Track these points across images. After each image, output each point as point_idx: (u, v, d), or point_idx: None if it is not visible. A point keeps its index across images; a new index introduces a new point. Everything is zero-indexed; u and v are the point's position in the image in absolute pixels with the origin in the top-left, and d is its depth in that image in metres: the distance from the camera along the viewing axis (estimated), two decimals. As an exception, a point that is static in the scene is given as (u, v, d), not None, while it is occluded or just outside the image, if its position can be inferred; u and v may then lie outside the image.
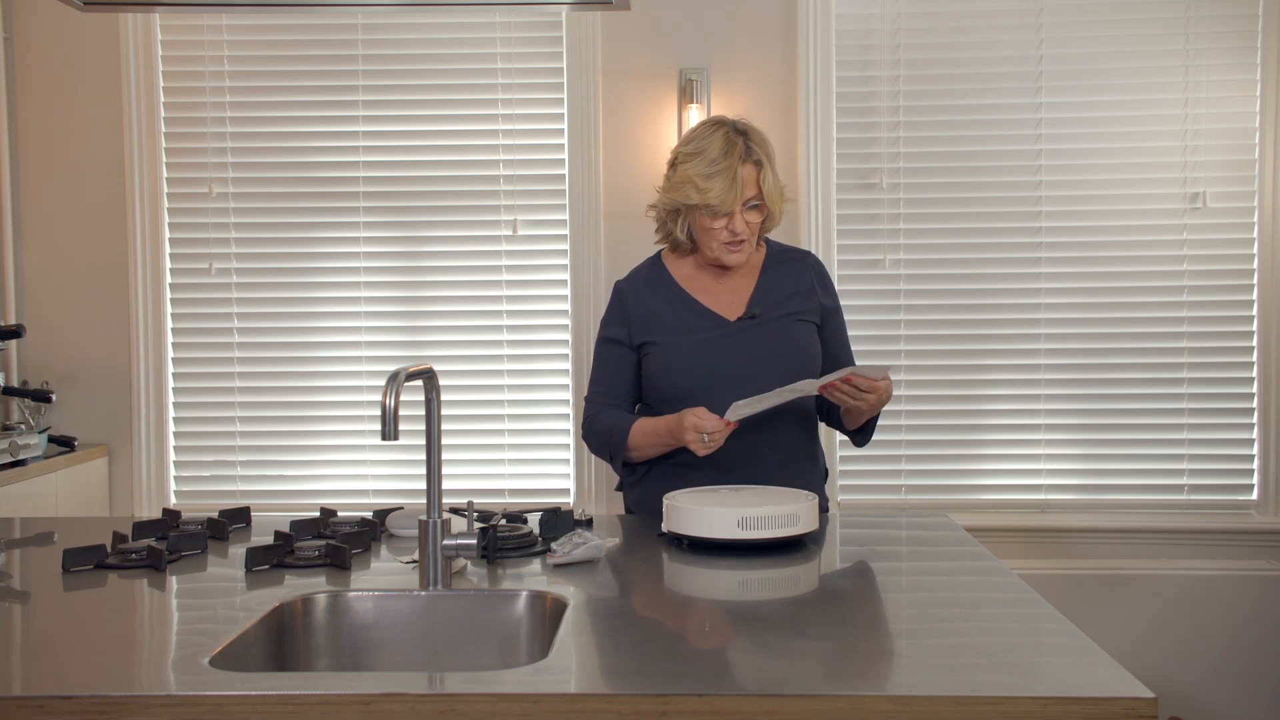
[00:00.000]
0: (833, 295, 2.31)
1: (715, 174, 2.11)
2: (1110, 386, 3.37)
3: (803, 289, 2.25)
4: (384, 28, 3.42)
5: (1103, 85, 3.34)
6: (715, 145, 2.13)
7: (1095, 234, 3.35)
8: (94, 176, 3.44)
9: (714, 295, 2.24)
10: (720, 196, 2.11)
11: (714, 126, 2.17)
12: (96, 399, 3.45)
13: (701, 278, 2.26)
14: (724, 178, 2.11)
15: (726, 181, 2.11)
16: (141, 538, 1.99)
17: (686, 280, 2.25)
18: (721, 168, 2.11)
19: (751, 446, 2.15)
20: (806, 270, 2.28)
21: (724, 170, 2.11)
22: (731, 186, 2.11)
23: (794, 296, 2.24)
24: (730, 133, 2.15)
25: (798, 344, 2.20)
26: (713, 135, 2.14)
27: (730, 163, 2.11)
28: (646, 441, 2.16)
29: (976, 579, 1.74)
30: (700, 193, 2.12)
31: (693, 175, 2.12)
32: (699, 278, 2.26)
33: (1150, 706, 1.19)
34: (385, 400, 1.58)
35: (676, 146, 2.23)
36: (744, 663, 1.32)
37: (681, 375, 2.16)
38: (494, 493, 3.44)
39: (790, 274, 2.26)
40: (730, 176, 2.11)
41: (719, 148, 2.12)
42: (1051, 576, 3.20)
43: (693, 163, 2.14)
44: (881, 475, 3.39)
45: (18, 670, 1.34)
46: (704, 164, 2.12)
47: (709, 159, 2.12)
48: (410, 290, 3.45)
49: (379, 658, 1.65)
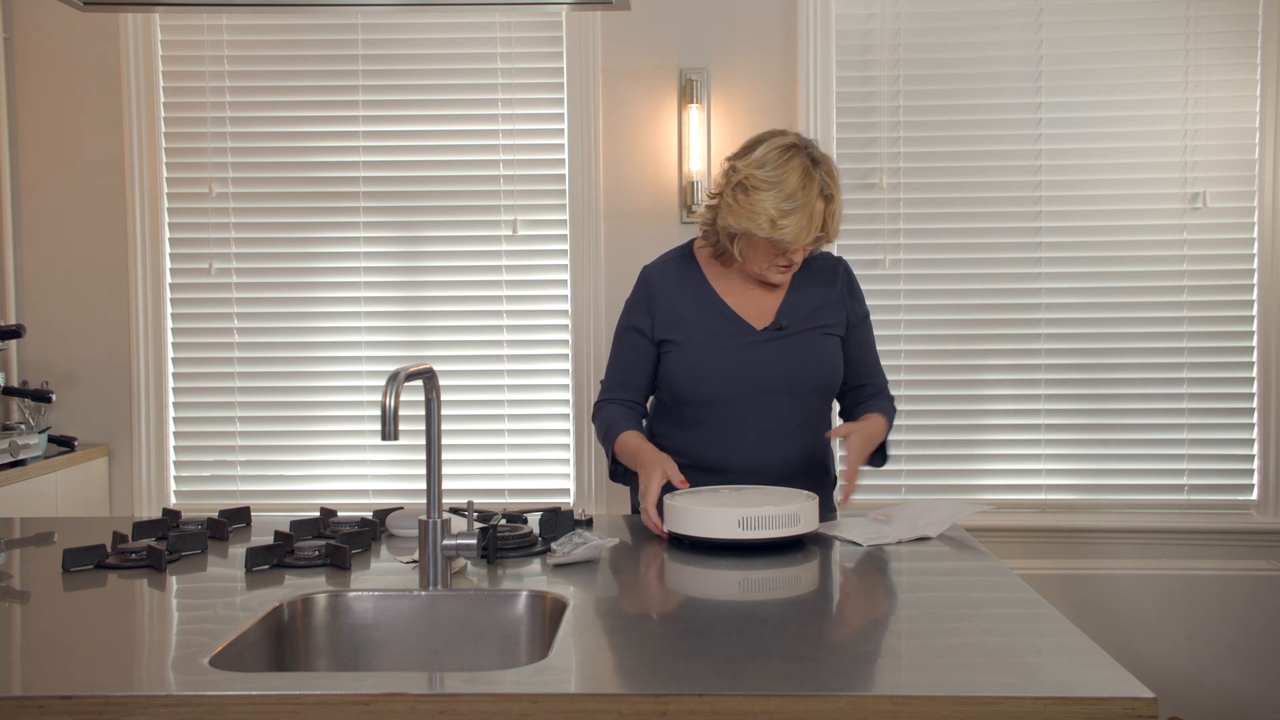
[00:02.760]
0: (860, 302, 2.26)
1: (792, 211, 2.02)
2: (1110, 386, 3.37)
3: (831, 300, 2.21)
4: (384, 28, 3.42)
5: (1103, 85, 3.34)
6: (793, 178, 2.02)
7: (1095, 234, 3.35)
8: (94, 176, 3.44)
9: (743, 300, 2.19)
10: (794, 235, 2.03)
11: (789, 152, 2.05)
12: (96, 399, 3.45)
13: (732, 279, 2.20)
14: (800, 216, 2.02)
15: (804, 220, 2.03)
16: (141, 538, 1.99)
17: (717, 279, 2.21)
18: (799, 205, 2.02)
19: (761, 455, 2.15)
20: (837, 279, 2.24)
21: (801, 207, 2.02)
22: (807, 225, 2.03)
23: (823, 309, 2.20)
24: (808, 164, 2.05)
25: (821, 359, 2.17)
26: (790, 164, 2.04)
27: (808, 199, 2.02)
28: (624, 458, 2.16)
29: (976, 579, 1.74)
30: (775, 228, 2.02)
31: (768, 208, 2.02)
32: (729, 279, 2.21)
33: (1150, 706, 1.19)
34: (385, 400, 1.58)
35: (746, 165, 2.07)
36: (744, 663, 1.32)
37: (701, 381, 2.14)
38: (494, 493, 3.44)
39: (821, 284, 2.22)
40: (807, 215, 2.03)
41: (796, 181, 2.02)
42: (1051, 576, 3.20)
43: (769, 194, 2.02)
44: (882, 475, 3.38)
45: (18, 670, 1.34)
46: (780, 198, 2.01)
47: (786, 192, 2.02)
48: (410, 290, 3.45)
49: (379, 658, 1.65)
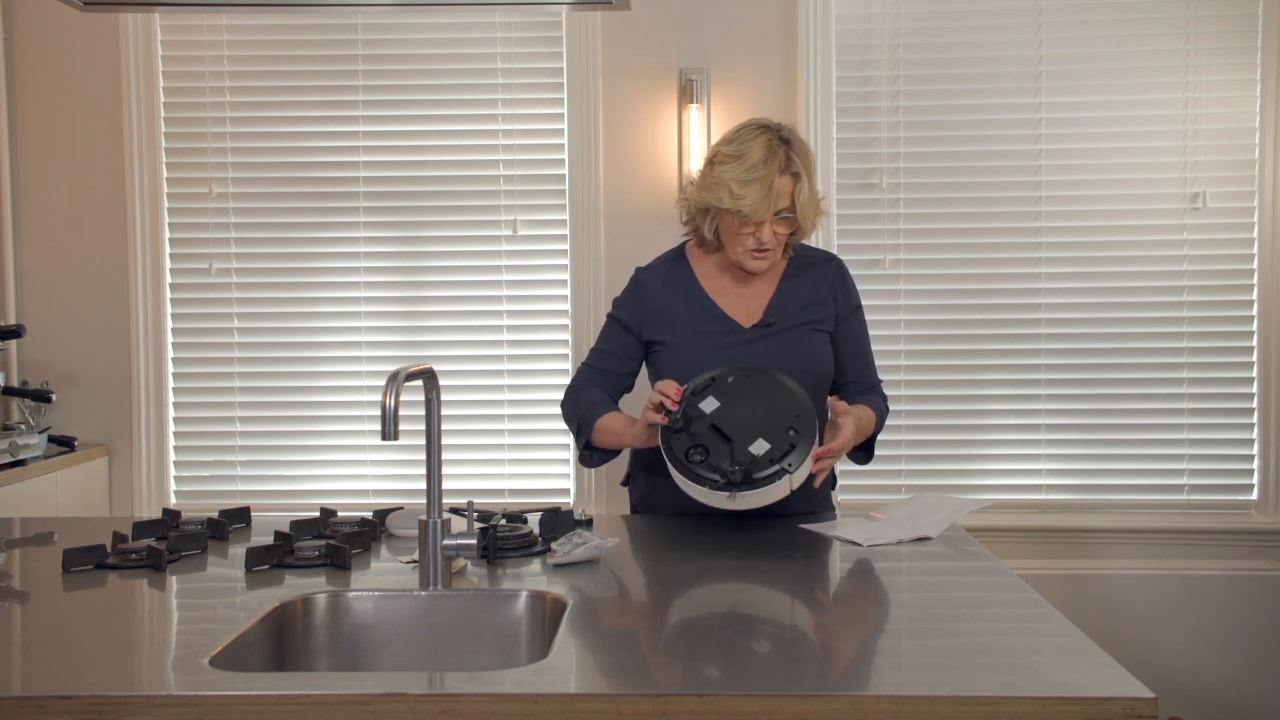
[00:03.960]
0: (851, 295, 2.25)
1: (751, 181, 2.06)
2: (1110, 386, 3.37)
3: (820, 296, 2.22)
4: (384, 28, 3.42)
5: (1103, 85, 3.34)
6: (756, 151, 2.08)
7: (1095, 234, 3.35)
8: (94, 176, 3.44)
9: (732, 299, 2.21)
10: (753, 205, 2.07)
11: (758, 130, 2.12)
12: (96, 399, 3.45)
13: (722, 279, 2.23)
14: (759, 186, 2.06)
15: (761, 190, 2.06)
16: (141, 538, 1.99)
17: (707, 280, 2.23)
18: (758, 176, 2.06)
19: None
20: (828, 276, 2.24)
21: (761, 179, 2.06)
22: (766, 196, 2.07)
23: (811, 305, 2.21)
24: (773, 140, 2.10)
25: (810, 355, 2.18)
26: (755, 140, 2.09)
27: (768, 172, 2.06)
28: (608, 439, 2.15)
29: (976, 579, 1.74)
30: (734, 198, 2.07)
31: (728, 179, 2.08)
32: (720, 279, 2.23)
33: (1150, 706, 1.19)
34: (385, 400, 1.58)
35: (716, 144, 2.17)
36: (744, 663, 1.32)
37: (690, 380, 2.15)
38: (494, 493, 3.44)
39: (811, 281, 2.23)
40: (766, 186, 2.06)
41: (759, 154, 2.07)
42: (1051, 576, 3.20)
43: (730, 165, 2.09)
44: (881, 475, 3.39)
45: (18, 670, 1.34)
46: (742, 169, 2.07)
47: (747, 164, 2.07)
48: (410, 290, 3.45)
49: (379, 658, 1.65)
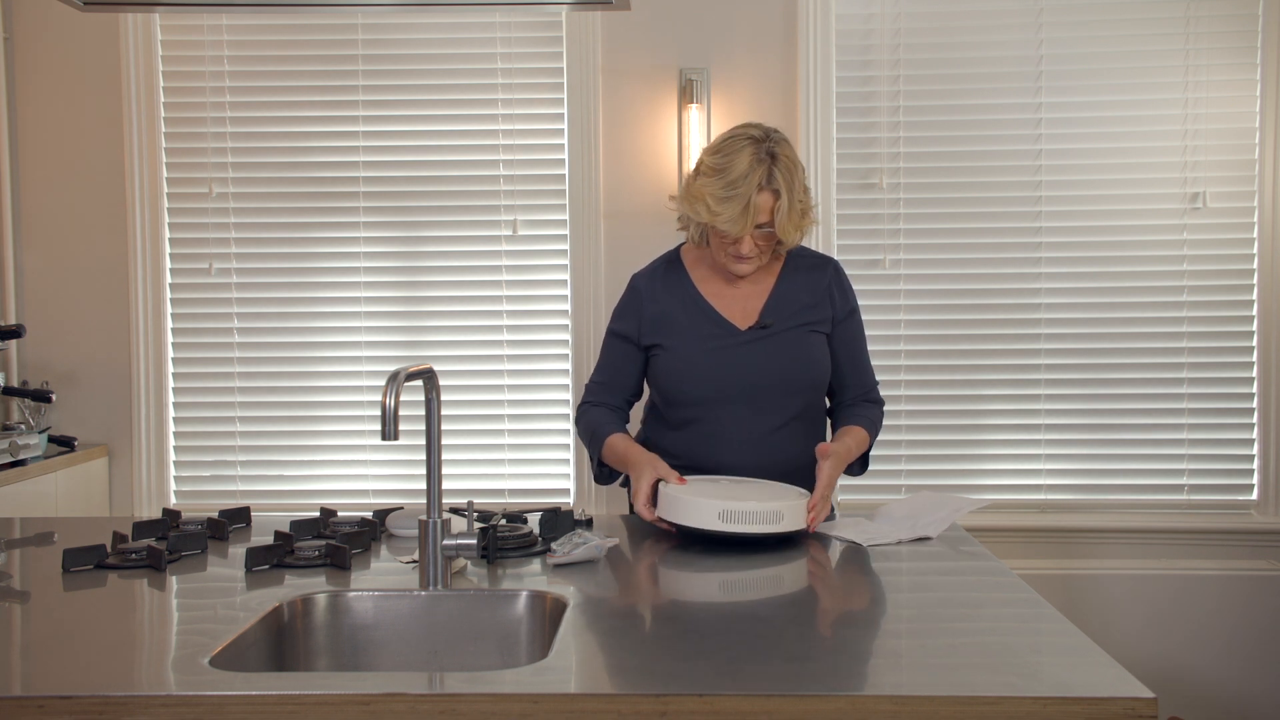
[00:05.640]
0: (848, 299, 2.24)
1: (729, 199, 2.04)
2: (1110, 386, 3.37)
3: (817, 298, 2.20)
4: (384, 28, 3.42)
5: (1103, 85, 3.34)
6: (738, 166, 2.04)
7: (1095, 234, 3.35)
8: (94, 176, 3.44)
9: (728, 301, 2.20)
10: (729, 222, 2.04)
11: (745, 142, 2.07)
12: (96, 399, 3.45)
13: (717, 281, 2.22)
14: (736, 203, 2.03)
15: (738, 208, 2.03)
16: (141, 538, 1.99)
17: (702, 282, 2.22)
18: (736, 193, 2.03)
19: (752, 454, 2.15)
20: (825, 278, 2.22)
21: (738, 197, 2.03)
22: (742, 214, 2.04)
23: (808, 307, 2.19)
24: (759, 154, 2.05)
25: (807, 356, 2.17)
26: (740, 153, 2.05)
27: (747, 189, 2.03)
28: (613, 460, 2.17)
29: (976, 579, 1.74)
30: (711, 214, 2.05)
31: (706, 194, 2.06)
32: (715, 280, 2.22)
33: (1150, 706, 1.19)
34: (385, 400, 1.58)
35: (705, 151, 2.14)
36: (744, 662, 1.32)
37: (688, 382, 2.15)
38: (494, 493, 3.44)
39: (808, 282, 2.21)
40: (742, 204, 2.03)
41: (740, 170, 2.04)
42: (1051, 576, 3.20)
43: (710, 180, 2.06)
44: (881, 475, 3.39)
45: (18, 670, 1.34)
46: (720, 185, 2.04)
47: (727, 180, 2.04)
48: (410, 290, 3.45)
49: (379, 658, 1.65)
